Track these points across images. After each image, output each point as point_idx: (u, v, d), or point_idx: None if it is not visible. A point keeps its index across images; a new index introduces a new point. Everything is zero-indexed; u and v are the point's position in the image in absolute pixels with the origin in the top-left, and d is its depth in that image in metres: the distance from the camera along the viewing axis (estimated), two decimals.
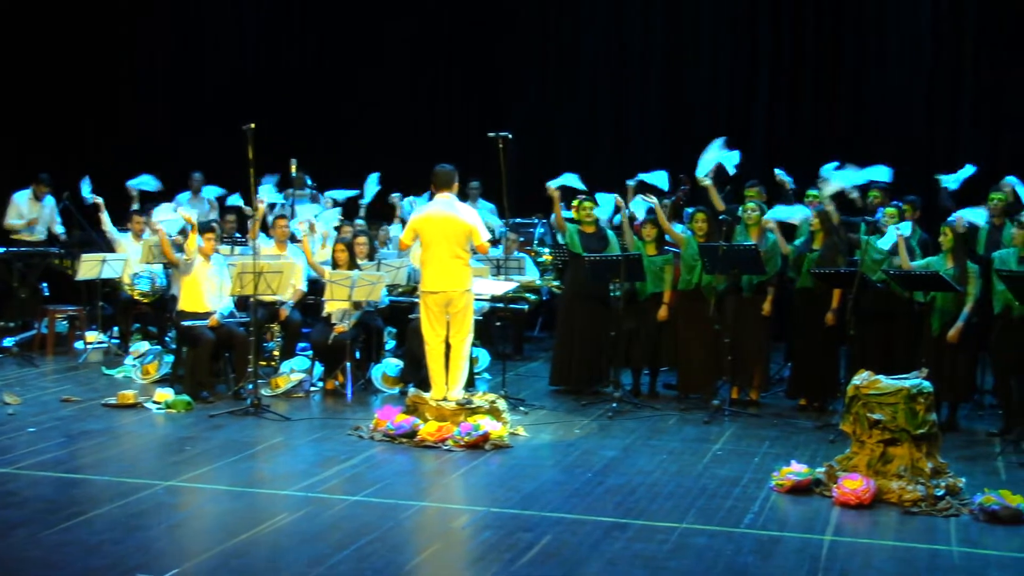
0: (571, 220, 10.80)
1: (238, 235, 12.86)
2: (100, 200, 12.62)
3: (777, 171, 10.97)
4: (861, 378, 7.56)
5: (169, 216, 10.86)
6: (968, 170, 10.80)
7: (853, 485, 7.18)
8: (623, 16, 15.29)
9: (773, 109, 14.59)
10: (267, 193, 11.73)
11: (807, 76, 14.47)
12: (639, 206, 10.67)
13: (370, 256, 11.49)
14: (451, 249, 8.94)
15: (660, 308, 10.50)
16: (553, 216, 10.79)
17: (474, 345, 9.74)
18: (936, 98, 13.93)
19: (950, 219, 9.39)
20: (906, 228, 9.50)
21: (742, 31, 14.72)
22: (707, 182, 10.44)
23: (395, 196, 12.67)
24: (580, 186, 10.53)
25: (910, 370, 7.81)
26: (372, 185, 12.67)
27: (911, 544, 6.57)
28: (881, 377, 7.51)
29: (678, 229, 10.68)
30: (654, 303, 10.54)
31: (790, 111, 14.56)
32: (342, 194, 12.94)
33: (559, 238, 11.49)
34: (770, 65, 14.60)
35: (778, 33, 14.56)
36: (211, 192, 13.66)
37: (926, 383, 7.48)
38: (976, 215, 9.66)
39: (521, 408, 9.85)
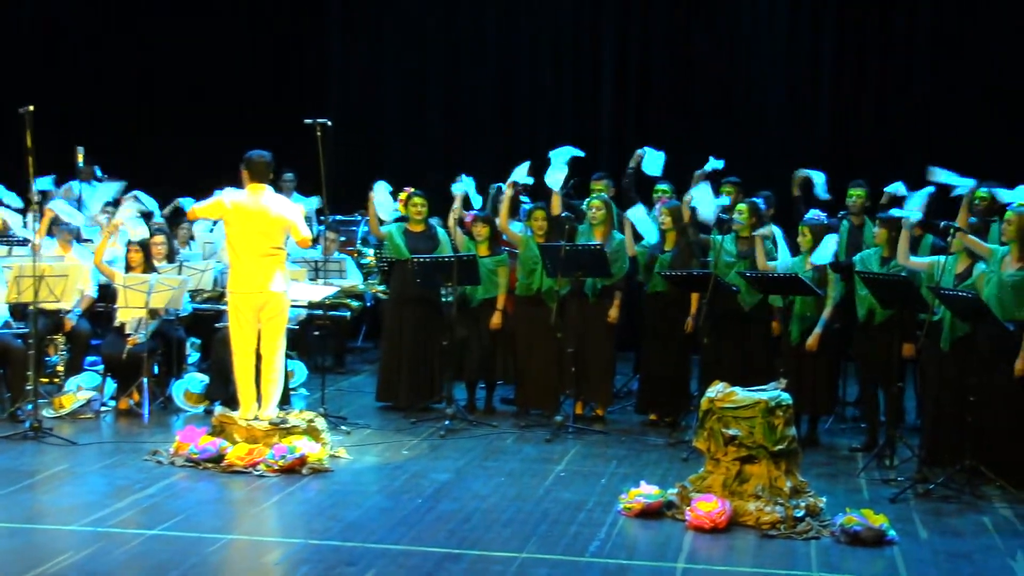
0: (399, 219, 10.80)
1: (12, 234, 12.43)
2: None
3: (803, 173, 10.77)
4: (715, 390, 7.71)
5: None
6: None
7: (707, 507, 7.33)
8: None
9: (621, 99, 14.86)
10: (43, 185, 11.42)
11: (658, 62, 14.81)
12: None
13: (169, 258, 11.28)
14: (265, 246, 8.83)
15: (494, 315, 10.56)
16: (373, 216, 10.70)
17: (289, 357, 9.65)
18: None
19: (808, 217, 9.66)
20: (771, 229, 9.74)
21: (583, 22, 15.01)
22: (557, 191, 10.45)
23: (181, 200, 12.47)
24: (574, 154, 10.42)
25: (768, 381, 8.01)
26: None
27: (769, 570, 6.72)
28: (737, 389, 7.68)
29: (516, 228, 10.75)
30: (488, 309, 10.60)
31: (639, 100, 14.84)
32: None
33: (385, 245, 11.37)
34: (617, 53, 14.87)
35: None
36: None
37: (785, 395, 7.68)
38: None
39: (343, 427, 9.81)
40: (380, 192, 10.46)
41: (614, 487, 8.14)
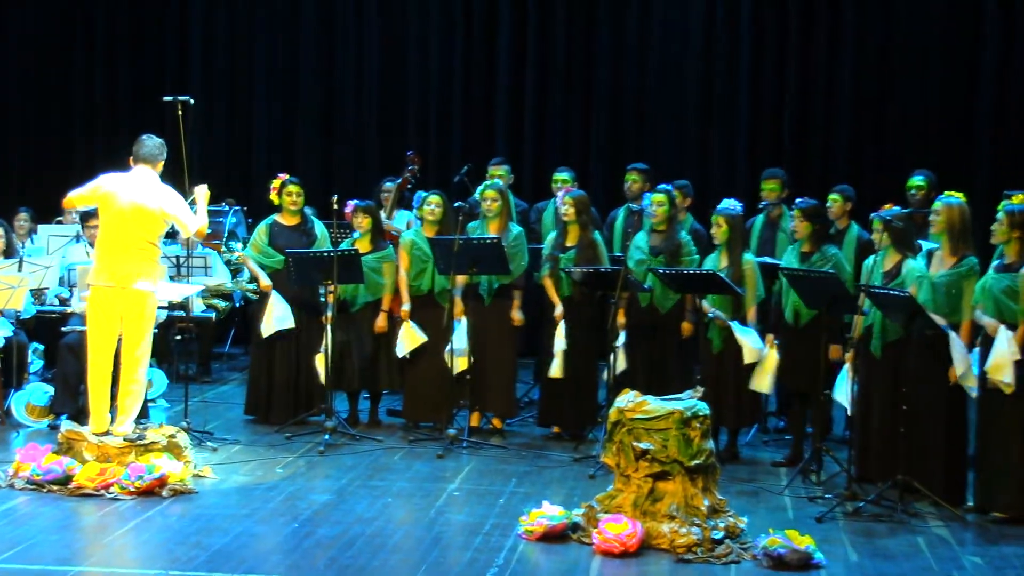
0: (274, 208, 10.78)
1: None
2: None
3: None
4: (626, 399, 7.80)
5: None
6: None
7: (617, 529, 7.40)
8: None
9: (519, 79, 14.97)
10: None
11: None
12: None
13: (7, 252, 11.12)
14: (136, 238, 8.77)
15: (378, 317, 10.58)
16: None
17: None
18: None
19: (721, 207, 9.77)
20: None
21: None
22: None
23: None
24: None
25: (683, 389, 8.12)
26: None
27: None
28: (649, 398, 7.78)
29: (404, 218, 10.77)
30: (371, 312, 10.61)
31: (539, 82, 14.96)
32: None
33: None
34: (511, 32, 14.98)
35: None
36: None
37: (702, 404, 7.79)
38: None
39: (208, 443, 9.76)
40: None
41: (514, 508, 8.20)
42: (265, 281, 10.57)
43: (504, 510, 8.23)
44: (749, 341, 9.42)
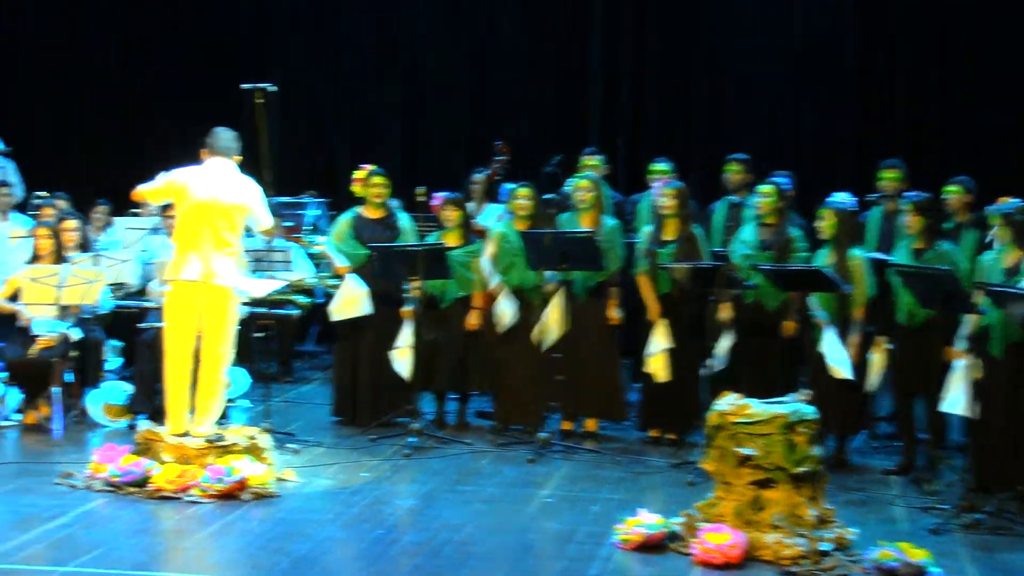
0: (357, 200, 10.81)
1: None
2: None
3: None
4: (727, 402, 7.74)
5: None
6: None
7: (718, 539, 7.35)
8: None
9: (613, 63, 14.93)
10: None
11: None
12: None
13: (84, 246, 11.24)
14: (215, 232, 8.83)
15: (469, 314, 10.57)
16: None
17: None
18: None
19: (830, 200, 9.67)
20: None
21: None
22: None
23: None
24: None
25: (788, 392, 8.04)
26: None
27: None
28: (752, 401, 7.71)
29: (493, 212, 10.77)
30: (461, 309, 10.61)
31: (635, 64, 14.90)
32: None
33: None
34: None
35: None
36: None
37: (808, 408, 7.71)
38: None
39: (290, 445, 9.80)
40: None
41: (609, 515, 8.14)
42: (342, 263, 10.58)
43: (598, 518, 8.19)
44: (833, 356, 9.30)
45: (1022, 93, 13.56)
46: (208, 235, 8.85)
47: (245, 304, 10.22)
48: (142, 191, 9.14)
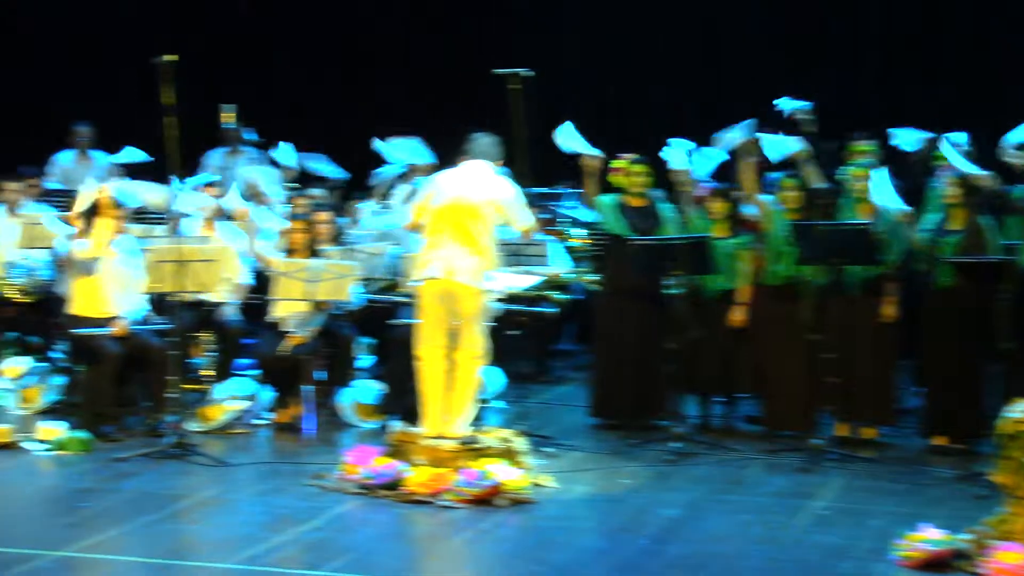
0: (613, 188, 10.80)
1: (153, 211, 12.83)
2: None
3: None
4: (1021, 410, 7.52)
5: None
6: None
7: (1011, 559, 7.14)
8: None
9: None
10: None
11: None
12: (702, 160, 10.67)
13: (336, 239, 11.46)
14: (463, 231, 8.95)
15: (734, 310, 10.50)
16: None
17: None
18: None
19: None
20: None
21: None
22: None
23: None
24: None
25: None
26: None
27: None
28: None
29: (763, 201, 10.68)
30: (726, 304, 10.54)
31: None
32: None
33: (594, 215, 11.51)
34: None
35: None
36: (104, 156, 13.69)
37: None
38: None
39: (547, 449, 9.85)
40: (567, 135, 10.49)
41: (889, 530, 7.94)
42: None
43: (877, 533, 8.01)
44: None
45: None
46: (455, 234, 8.97)
47: (499, 301, 10.31)
48: (414, 220, 9.32)
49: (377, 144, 12.14)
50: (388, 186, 12.68)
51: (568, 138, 10.53)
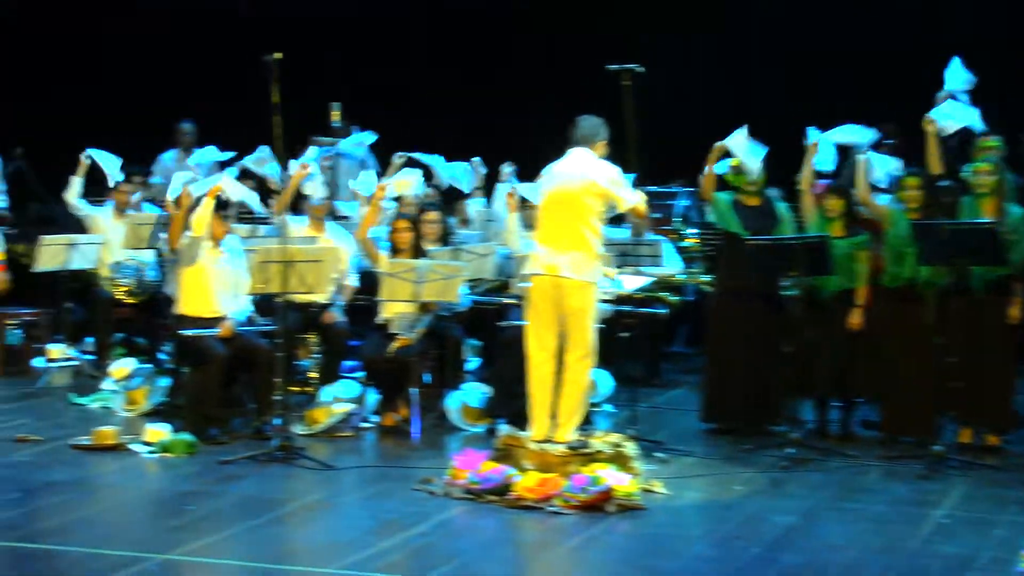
0: (726, 187, 10.76)
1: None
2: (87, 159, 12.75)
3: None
4: None
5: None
6: None
7: None
8: None
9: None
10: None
11: None
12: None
13: (444, 239, 11.50)
14: (569, 223, 8.93)
15: (852, 313, 10.40)
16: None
17: None
18: None
19: None
20: None
21: None
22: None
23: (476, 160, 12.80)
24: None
25: None
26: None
27: None
28: None
29: (881, 200, 10.57)
30: (843, 305, 10.45)
31: None
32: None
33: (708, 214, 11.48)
34: None
35: None
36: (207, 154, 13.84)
37: None
38: None
39: (658, 454, 9.83)
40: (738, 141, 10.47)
41: (1013, 540, 7.89)
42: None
43: (1002, 542, 7.92)
44: None
45: None
46: (558, 228, 8.96)
47: (609, 302, 10.29)
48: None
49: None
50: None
51: (740, 146, 10.51)
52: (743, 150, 10.44)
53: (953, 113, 10.30)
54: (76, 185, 12.71)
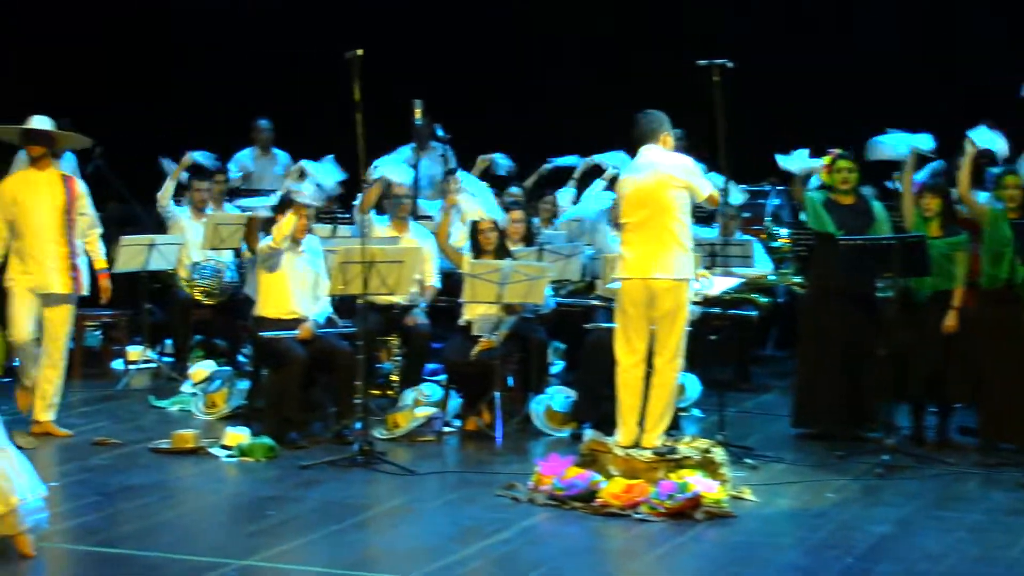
0: (820, 186, 10.71)
1: (339, 210, 13.01)
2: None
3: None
4: None
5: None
6: None
7: None
8: None
9: None
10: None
11: None
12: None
13: (528, 240, 11.52)
14: (657, 218, 8.93)
15: (948, 315, 10.34)
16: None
17: None
18: None
19: None
20: None
21: None
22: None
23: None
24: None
25: None
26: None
27: None
28: None
29: (980, 199, 10.48)
30: (939, 307, 10.38)
31: None
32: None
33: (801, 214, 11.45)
34: None
35: None
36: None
37: None
38: None
39: (748, 461, 9.81)
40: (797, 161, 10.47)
41: None
42: None
43: None
44: None
45: None
46: (646, 228, 8.95)
47: (697, 304, 10.27)
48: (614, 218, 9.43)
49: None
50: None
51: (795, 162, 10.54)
52: (984, 140, 10.33)
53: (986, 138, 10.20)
54: (169, 188, 12.87)
